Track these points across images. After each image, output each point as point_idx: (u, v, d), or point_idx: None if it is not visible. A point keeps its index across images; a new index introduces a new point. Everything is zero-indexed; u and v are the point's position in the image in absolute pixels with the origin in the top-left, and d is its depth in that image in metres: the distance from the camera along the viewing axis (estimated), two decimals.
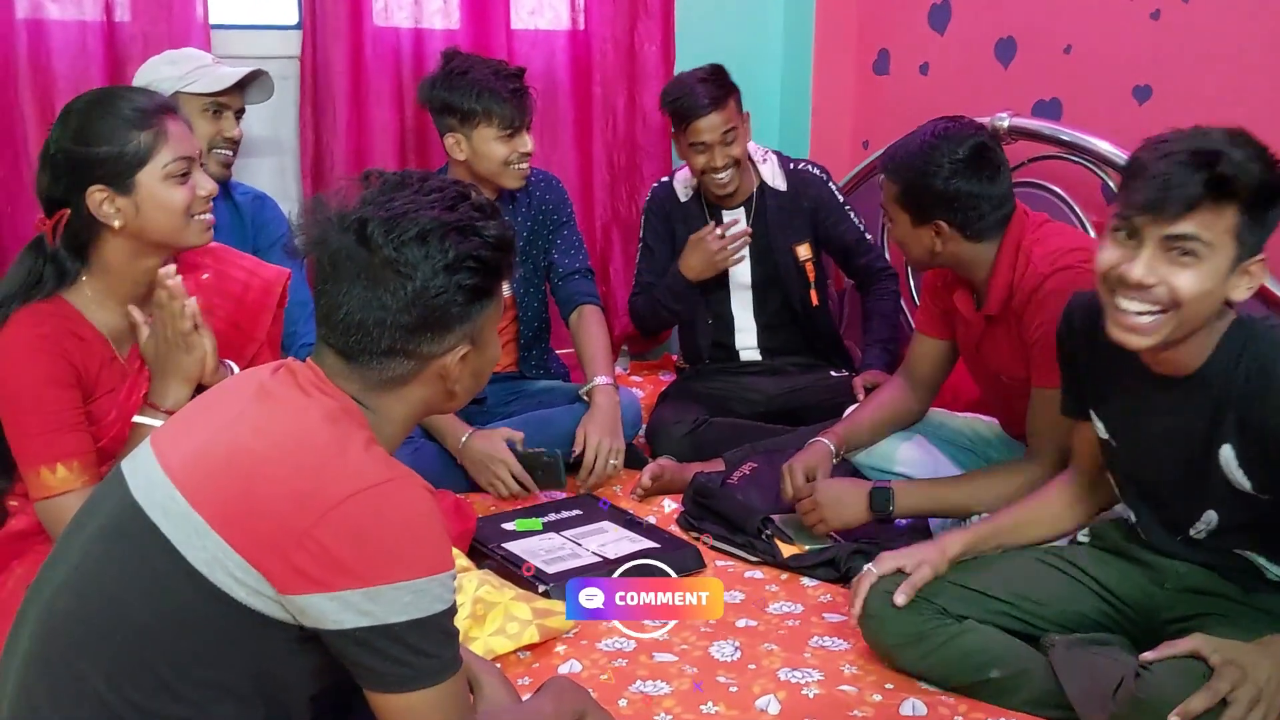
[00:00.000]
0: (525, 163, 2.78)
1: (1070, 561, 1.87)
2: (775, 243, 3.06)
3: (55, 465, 1.77)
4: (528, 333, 3.01)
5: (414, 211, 1.25)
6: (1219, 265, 1.52)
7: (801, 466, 2.37)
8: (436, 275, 1.24)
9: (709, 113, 2.89)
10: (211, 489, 1.19)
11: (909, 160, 2.17)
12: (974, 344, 2.29)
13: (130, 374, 1.88)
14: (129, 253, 1.83)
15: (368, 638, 1.16)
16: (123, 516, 1.22)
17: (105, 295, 1.85)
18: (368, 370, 1.28)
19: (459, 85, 2.71)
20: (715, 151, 2.92)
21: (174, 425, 1.31)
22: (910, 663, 1.84)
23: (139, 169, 1.78)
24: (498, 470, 2.61)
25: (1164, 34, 2.71)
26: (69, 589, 1.23)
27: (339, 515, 1.15)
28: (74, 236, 1.80)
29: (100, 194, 1.77)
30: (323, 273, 1.27)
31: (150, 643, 1.17)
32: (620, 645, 1.98)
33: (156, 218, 1.80)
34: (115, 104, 1.81)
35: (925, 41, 3.41)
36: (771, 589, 2.23)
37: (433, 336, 1.27)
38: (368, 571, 1.15)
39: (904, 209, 2.20)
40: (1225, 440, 1.63)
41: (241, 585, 1.16)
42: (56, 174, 1.79)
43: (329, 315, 1.27)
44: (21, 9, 2.81)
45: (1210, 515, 1.70)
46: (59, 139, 1.78)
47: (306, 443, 1.20)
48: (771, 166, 3.09)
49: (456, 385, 1.32)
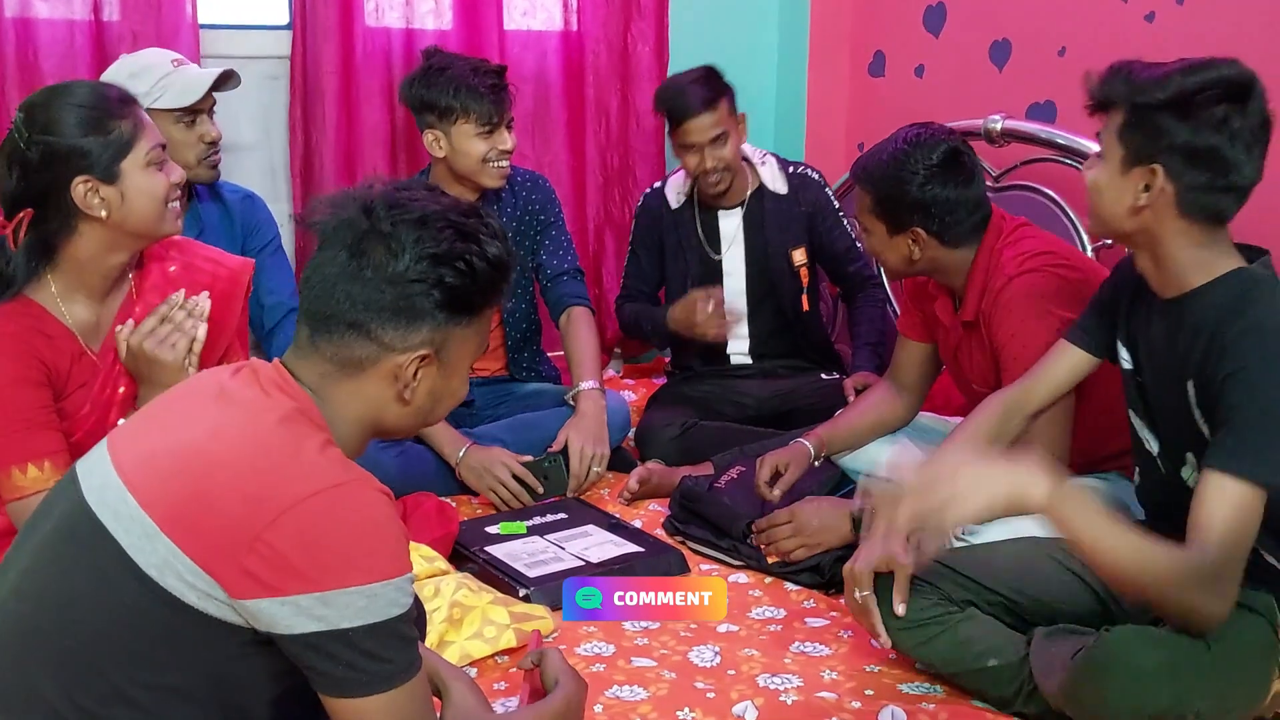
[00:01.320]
0: (505, 160, 2.76)
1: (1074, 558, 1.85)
2: (771, 247, 3.04)
3: (26, 465, 1.76)
4: (515, 335, 2.99)
5: (424, 202, 1.27)
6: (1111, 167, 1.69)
7: (772, 462, 2.36)
8: (421, 261, 1.24)
9: (700, 114, 2.87)
10: (163, 490, 1.17)
11: (881, 169, 2.15)
12: (952, 352, 2.27)
13: (102, 368, 1.87)
14: (103, 245, 1.82)
15: (321, 643, 1.14)
16: (74, 518, 1.21)
17: (72, 290, 1.83)
18: (328, 345, 1.26)
19: (438, 82, 2.70)
20: (705, 153, 2.90)
21: (131, 426, 1.30)
22: (910, 646, 1.82)
23: (123, 157, 1.78)
24: (498, 473, 2.58)
25: (1158, 36, 2.69)
26: (18, 595, 1.21)
27: (291, 518, 1.13)
28: (44, 235, 1.78)
29: (84, 185, 1.76)
30: (321, 239, 1.28)
31: (101, 648, 1.16)
32: (599, 649, 1.96)
33: (141, 205, 1.80)
34: (84, 95, 1.80)
35: (920, 43, 3.39)
36: (755, 594, 2.20)
37: (397, 326, 1.26)
38: (320, 576, 1.13)
39: (879, 218, 2.18)
40: (1190, 376, 1.65)
41: (192, 589, 1.14)
42: (31, 170, 1.76)
43: (309, 276, 1.27)
44: (10, 7, 2.80)
45: (1191, 461, 1.70)
46: (30, 135, 1.75)
47: (261, 445, 1.18)
48: (771, 169, 3.06)
49: (409, 392, 1.29)
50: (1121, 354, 1.84)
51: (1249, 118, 1.61)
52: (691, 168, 2.94)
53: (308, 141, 3.13)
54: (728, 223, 3.06)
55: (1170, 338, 1.70)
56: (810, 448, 2.39)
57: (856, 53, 3.64)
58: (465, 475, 2.62)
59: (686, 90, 2.89)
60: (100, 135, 1.76)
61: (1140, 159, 1.66)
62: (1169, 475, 1.78)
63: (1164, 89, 1.63)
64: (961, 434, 2.02)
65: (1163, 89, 1.63)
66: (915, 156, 2.12)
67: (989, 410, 2.02)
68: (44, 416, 1.79)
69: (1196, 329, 1.65)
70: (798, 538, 2.23)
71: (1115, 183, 1.69)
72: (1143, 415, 1.82)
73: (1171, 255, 1.68)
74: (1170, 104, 1.62)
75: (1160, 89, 1.63)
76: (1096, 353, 1.92)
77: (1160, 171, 1.63)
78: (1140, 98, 1.65)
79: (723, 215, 3.06)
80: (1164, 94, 1.63)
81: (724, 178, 2.95)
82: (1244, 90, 1.62)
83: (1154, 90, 1.64)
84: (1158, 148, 1.64)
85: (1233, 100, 1.62)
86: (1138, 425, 1.83)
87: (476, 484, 2.61)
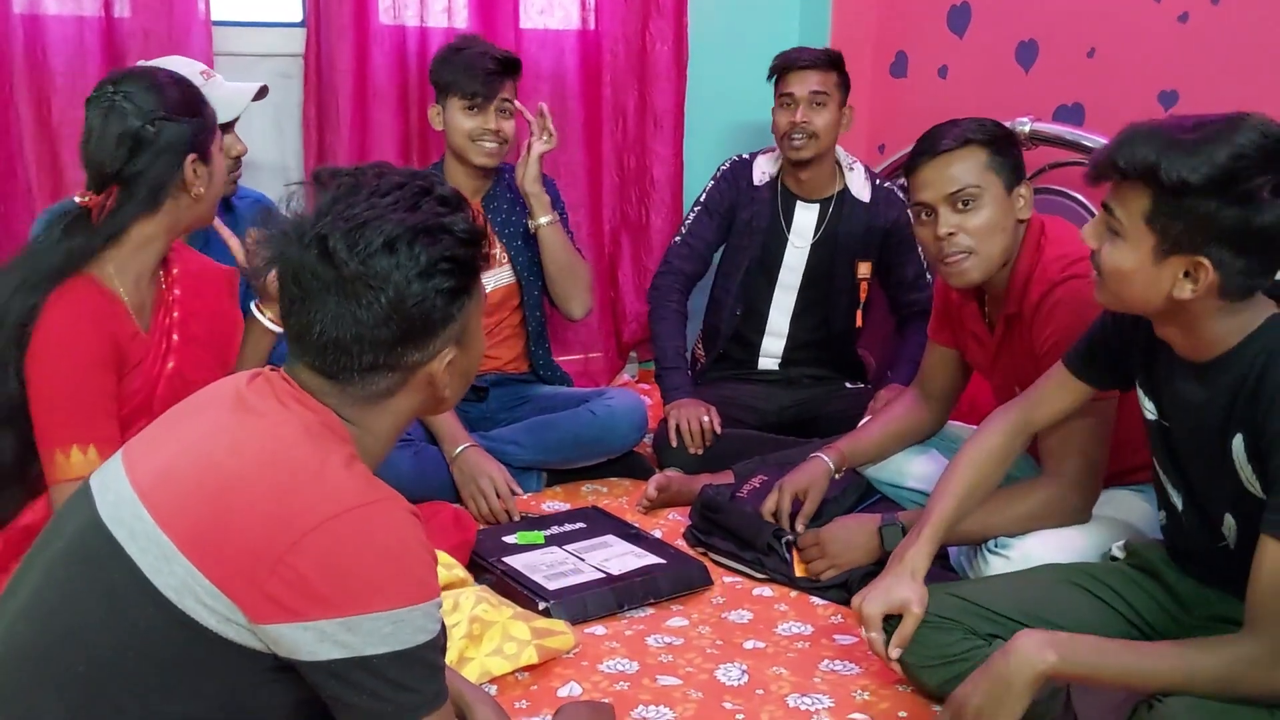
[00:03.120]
0: (491, 141, 2.75)
1: (1102, 582, 1.80)
2: (839, 253, 2.98)
3: (70, 449, 1.76)
4: (535, 321, 2.95)
5: (375, 219, 1.17)
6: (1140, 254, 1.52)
7: (791, 489, 2.30)
8: (410, 284, 1.17)
9: (804, 68, 2.89)
10: (181, 509, 1.12)
11: (987, 131, 2.04)
12: (989, 360, 2.21)
13: (152, 345, 1.90)
14: (173, 226, 1.87)
15: (345, 670, 1.08)
16: (86, 536, 1.15)
17: (125, 271, 1.86)
18: (350, 387, 1.21)
19: (449, 59, 2.77)
20: (800, 109, 2.86)
21: (147, 436, 1.24)
22: (938, 684, 1.76)
23: (214, 139, 1.89)
24: (483, 485, 2.54)
25: (1192, 37, 2.64)
26: (26, 617, 1.15)
27: (315, 540, 1.07)
28: (130, 210, 1.82)
29: (194, 163, 1.84)
30: (289, 292, 1.20)
31: (113, 674, 1.10)
32: (622, 667, 1.91)
33: (218, 186, 1.90)
34: (177, 77, 1.89)
35: (944, 44, 3.33)
36: (780, 608, 2.15)
37: (416, 345, 1.21)
38: (344, 600, 1.07)
39: (998, 173, 2.04)
40: (1238, 430, 1.55)
41: (212, 613, 1.08)
42: (147, 146, 1.79)
43: (302, 335, 1.19)
44: (19, 4, 2.75)
45: (1230, 521, 1.62)
46: (148, 110, 1.79)
47: (283, 461, 1.13)
48: (859, 175, 3.02)
49: (445, 390, 1.26)
50: (1144, 401, 1.74)
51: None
52: (782, 125, 2.90)
53: (321, 140, 3.08)
54: (804, 215, 3.00)
55: (1206, 398, 1.59)
56: (829, 463, 2.33)
57: (878, 53, 3.59)
58: (455, 473, 2.59)
59: (803, 50, 2.94)
60: (201, 117, 1.86)
61: (1180, 248, 1.47)
62: (1191, 527, 1.71)
63: (1196, 168, 1.42)
64: (969, 452, 1.95)
65: (1195, 168, 1.42)
66: (993, 123, 2.10)
67: (994, 430, 1.94)
68: (106, 403, 1.81)
69: (1239, 382, 1.54)
70: (826, 559, 2.18)
71: (1147, 270, 1.50)
72: (1167, 467, 1.73)
73: (1206, 328, 1.54)
74: (1209, 186, 1.41)
75: (1192, 168, 1.42)
76: (1100, 386, 1.84)
77: (1207, 263, 1.45)
78: (1171, 178, 1.43)
79: (801, 206, 3.00)
80: (1199, 175, 1.41)
81: (809, 144, 2.88)
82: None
83: (1185, 170, 1.42)
84: (1203, 238, 1.44)
85: (1273, 163, 1.42)
86: (1161, 475, 1.76)
87: (462, 486, 2.57)
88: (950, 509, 1.88)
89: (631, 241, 3.55)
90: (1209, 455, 1.61)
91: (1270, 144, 1.42)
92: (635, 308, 3.56)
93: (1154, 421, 1.74)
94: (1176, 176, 1.42)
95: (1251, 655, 1.44)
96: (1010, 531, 1.99)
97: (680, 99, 3.47)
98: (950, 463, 1.95)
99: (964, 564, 2.12)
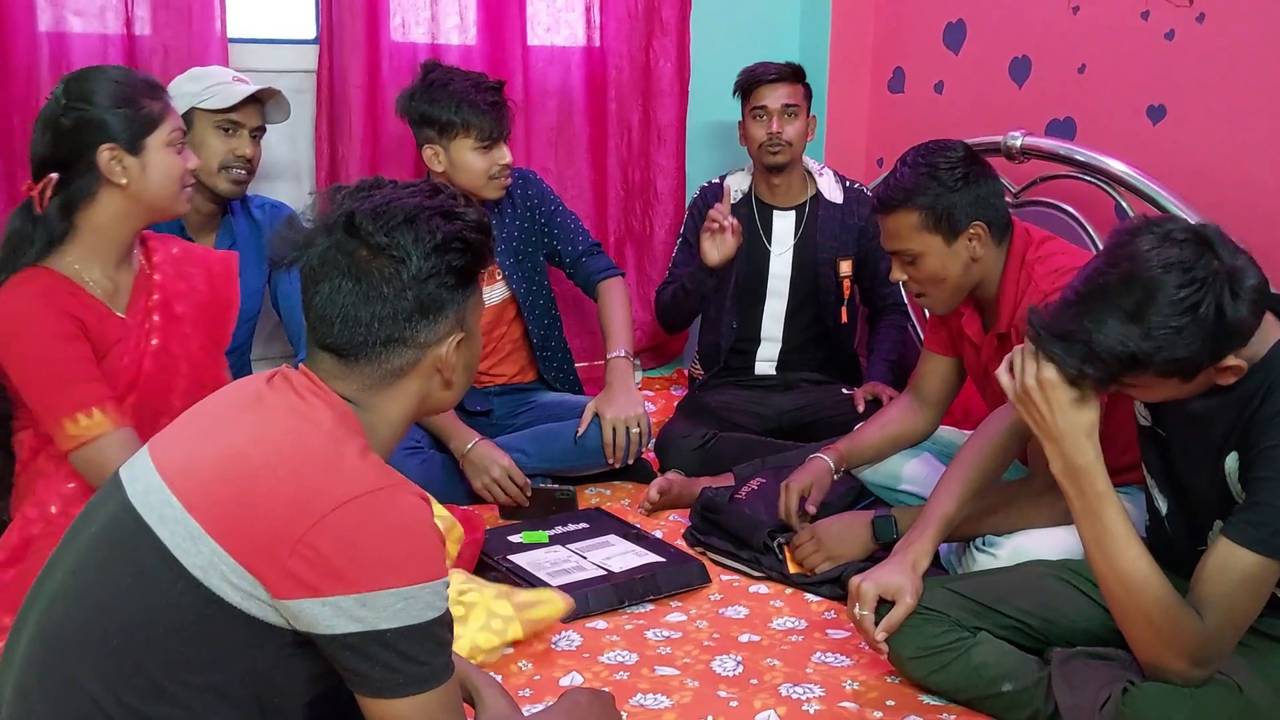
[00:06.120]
0: (505, 175, 2.80)
1: (1087, 578, 1.85)
2: (820, 253, 3.11)
3: (76, 416, 1.85)
4: (539, 332, 3.02)
5: (396, 200, 1.30)
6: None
7: (798, 488, 2.37)
8: (428, 257, 1.28)
9: (774, 81, 3.05)
10: (207, 494, 1.20)
11: (919, 183, 2.14)
12: (982, 367, 2.28)
13: (133, 325, 1.98)
14: (120, 214, 1.94)
15: (359, 643, 1.16)
16: (119, 521, 1.23)
17: (89, 259, 1.95)
18: (367, 366, 1.30)
19: (439, 97, 2.72)
20: (774, 120, 3.01)
21: (172, 432, 1.32)
22: (924, 675, 1.83)
23: (148, 133, 1.93)
24: (494, 473, 2.60)
25: (1178, 54, 2.71)
26: (65, 594, 1.24)
27: (333, 521, 1.15)
28: (68, 198, 1.90)
29: (109, 152, 1.90)
30: (311, 275, 1.30)
31: (145, 647, 1.18)
32: (622, 658, 1.98)
33: (157, 180, 1.95)
34: (119, 73, 1.97)
35: (940, 60, 3.41)
36: (775, 604, 2.22)
37: (428, 322, 1.30)
38: (360, 577, 1.15)
39: (934, 231, 2.13)
40: (1234, 448, 1.63)
41: (236, 590, 1.16)
42: (62, 134, 1.90)
43: (324, 314, 1.29)
44: (44, 21, 2.84)
45: (1217, 528, 1.68)
46: (67, 102, 1.89)
47: (302, 450, 1.21)
48: (828, 179, 3.18)
49: (452, 375, 1.35)
50: (1140, 408, 1.81)
51: (1242, 291, 1.50)
52: (758, 136, 3.05)
53: (333, 154, 3.15)
54: (782, 223, 3.14)
55: (1211, 415, 1.65)
56: (830, 463, 2.40)
57: (877, 69, 3.67)
58: (466, 468, 2.65)
59: (768, 65, 3.08)
60: (129, 109, 1.92)
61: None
62: (1176, 530, 1.78)
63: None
64: (970, 453, 2.02)
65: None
66: (941, 161, 2.14)
67: (994, 431, 2.03)
68: (83, 369, 1.88)
69: (1243, 402, 1.60)
70: (821, 553, 2.26)
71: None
72: (1158, 475, 1.81)
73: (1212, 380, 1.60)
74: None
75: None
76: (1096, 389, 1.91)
77: (1211, 370, 1.56)
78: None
79: (778, 215, 3.14)
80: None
81: (785, 150, 3.04)
82: (1234, 277, 1.50)
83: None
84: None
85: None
86: (1150, 483, 1.83)
87: (474, 478, 2.63)
88: (952, 508, 1.96)
89: (635, 252, 3.63)
90: (1204, 468, 1.68)
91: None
92: (639, 316, 3.62)
93: (1147, 428, 1.80)
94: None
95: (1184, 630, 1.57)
96: (998, 530, 2.07)
97: (682, 114, 3.56)
98: (952, 462, 2.03)
99: (953, 561, 2.19)
